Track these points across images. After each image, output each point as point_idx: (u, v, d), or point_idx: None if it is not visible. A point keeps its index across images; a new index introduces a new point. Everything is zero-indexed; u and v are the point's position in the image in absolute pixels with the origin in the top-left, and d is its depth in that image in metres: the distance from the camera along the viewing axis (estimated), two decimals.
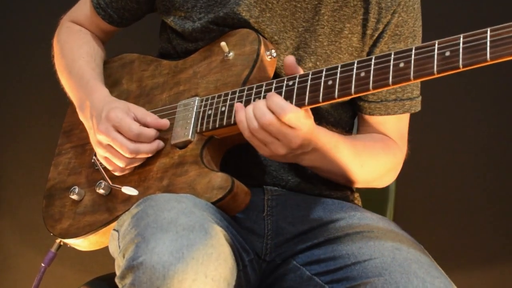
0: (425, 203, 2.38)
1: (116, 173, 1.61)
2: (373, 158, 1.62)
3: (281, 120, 1.39)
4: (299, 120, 1.40)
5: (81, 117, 1.68)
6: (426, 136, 2.29)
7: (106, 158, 1.60)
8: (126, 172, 1.61)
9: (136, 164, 1.59)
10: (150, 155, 1.57)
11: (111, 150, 1.57)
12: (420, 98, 1.68)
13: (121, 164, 1.57)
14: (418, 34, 1.66)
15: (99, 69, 1.76)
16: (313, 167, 1.58)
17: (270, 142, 1.43)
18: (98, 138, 1.58)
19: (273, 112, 1.40)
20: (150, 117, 1.59)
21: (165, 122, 1.59)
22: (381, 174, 1.67)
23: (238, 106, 1.47)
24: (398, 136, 1.69)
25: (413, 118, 1.71)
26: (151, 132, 1.57)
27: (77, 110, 1.70)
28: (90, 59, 1.76)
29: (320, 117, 1.59)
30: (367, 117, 1.68)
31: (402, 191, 1.80)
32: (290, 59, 1.46)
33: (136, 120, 1.58)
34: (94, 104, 1.63)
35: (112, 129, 1.55)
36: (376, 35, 1.62)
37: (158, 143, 1.57)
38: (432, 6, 1.82)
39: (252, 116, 1.42)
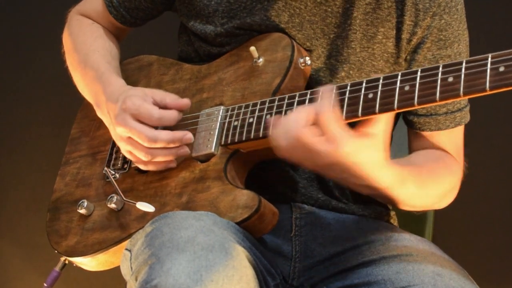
0: (467, 222, 2.38)
1: (141, 167, 1.62)
2: (437, 184, 1.62)
3: (324, 130, 1.37)
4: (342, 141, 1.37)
5: (99, 114, 1.72)
6: (468, 149, 2.30)
7: (129, 152, 1.62)
8: (151, 168, 1.61)
9: (160, 158, 1.58)
10: (172, 145, 1.56)
11: (132, 142, 1.59)
12: (468, 107, 1.70)
13: (142, 156, 1.58)
14: (463, 38, 1.67)
15: (115, 62, 1.79)
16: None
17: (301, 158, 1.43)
18: (118, 131, 1.60)
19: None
20: (170, 97, 1.61)
21: (186, 101, 1.60)
22: (442, 197, 1.67)
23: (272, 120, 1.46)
24: (454, 150, 1.70)
25: None
26: (173, 113, 1.58)
27: (94, 107, 1.73)
28: (106, 53, 1.79)
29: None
30: (417, 131, 1.69)
31: (441, 209, 1.80)
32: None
33: (156, 104, 1.60)
34: (109, 98, 1.65)
35: (130, 118, 1.57)
36: (415, 40, 1.63)
37: (184, 134, 1.56)
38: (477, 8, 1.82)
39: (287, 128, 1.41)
